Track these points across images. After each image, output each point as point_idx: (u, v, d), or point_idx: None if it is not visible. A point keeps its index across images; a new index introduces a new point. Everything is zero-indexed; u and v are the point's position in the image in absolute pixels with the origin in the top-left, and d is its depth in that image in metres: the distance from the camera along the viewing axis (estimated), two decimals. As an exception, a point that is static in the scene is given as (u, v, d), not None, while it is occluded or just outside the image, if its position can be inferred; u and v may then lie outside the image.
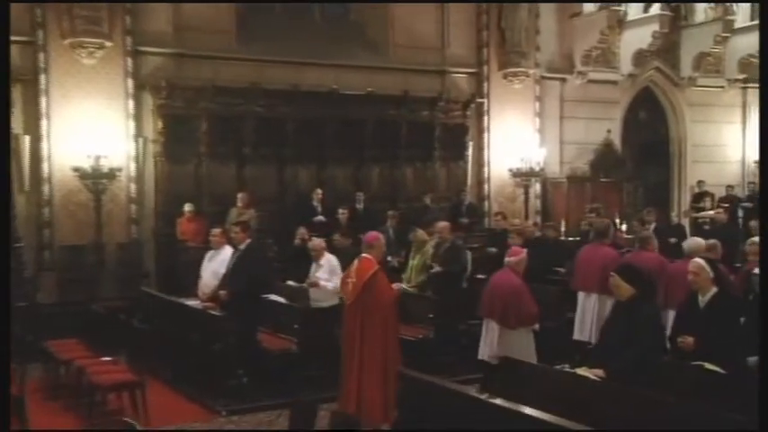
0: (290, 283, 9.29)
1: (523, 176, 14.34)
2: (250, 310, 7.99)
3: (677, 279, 7.10)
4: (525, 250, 7.54)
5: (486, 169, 14.49)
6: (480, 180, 14.50)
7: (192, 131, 11.98)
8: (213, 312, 8.14)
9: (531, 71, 14.48)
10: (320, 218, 11.93)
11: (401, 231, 11.36)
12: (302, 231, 10.37)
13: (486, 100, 14.39)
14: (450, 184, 13.96)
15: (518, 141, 14.42)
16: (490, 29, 14.28)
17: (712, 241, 7.92)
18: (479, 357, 7.30)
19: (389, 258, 11.09)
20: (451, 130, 13.93)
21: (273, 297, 8.82)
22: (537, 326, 7.13)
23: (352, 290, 6.68)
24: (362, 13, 13.92)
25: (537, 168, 14.29)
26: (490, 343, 7.17)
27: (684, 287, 6.24)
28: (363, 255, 6.83)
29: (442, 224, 9.96)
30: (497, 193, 14.54)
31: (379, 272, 6.71)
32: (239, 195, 11.67)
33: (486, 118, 14.43)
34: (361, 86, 13.06)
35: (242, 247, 8.15)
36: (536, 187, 14.80)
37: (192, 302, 8.73)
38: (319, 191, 12.29)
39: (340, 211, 11.81)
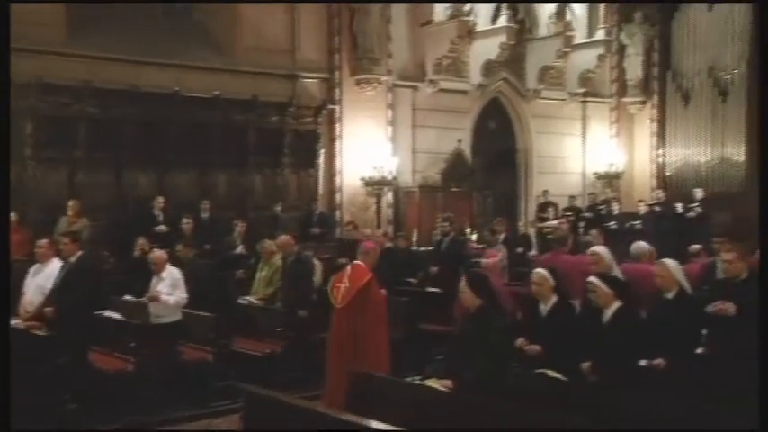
0: (128, 297, 8.62)
1: (376, 185, 14.20)
2: (80, 328, 7.32)
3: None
4: (501, 254, 7.96)
5: (337, 178, 14.23)
6: (332, 189, 14.22)
7: (16, 133, 10.88)
8: (37, 332, 7.35)
9: (383, 78, 14.38)
10: (162, 227, 11.22)
11: (249, 241, 10.90)
12: (142, 242, 9.74)
13: (338, 106, 14.15)
14: (300, 192, 13.62)
15: (370, 149, 14.25)
16: (342, 34, 14.07)
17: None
18: None
19: (238, 271, 10.62)
20: (302, 137, 13.59)
21: (108, 313, 8.13)
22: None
23: (345, 294, 6.93)
24: (208, 12, 13.30)
25: (389, 177, 14.19)
26: None
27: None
28: (356, 261, 7.09)
29: (283, 238, 9.48)
30: (349, 203, 14.30)
31: (373, 279, 7.02)
32: (70, 203, 10.74)
33: (338, 125, 14.18)
34: (206, 89, 12.45)
35: (72, 259, 7.56)
36: (388, 196, 14.68)
37: (13, 322, 7.84)
38: (161, 199, 11.56)
39: (184, 220, 11.17)
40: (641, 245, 8.30)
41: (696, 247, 9.18)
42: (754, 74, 15.85)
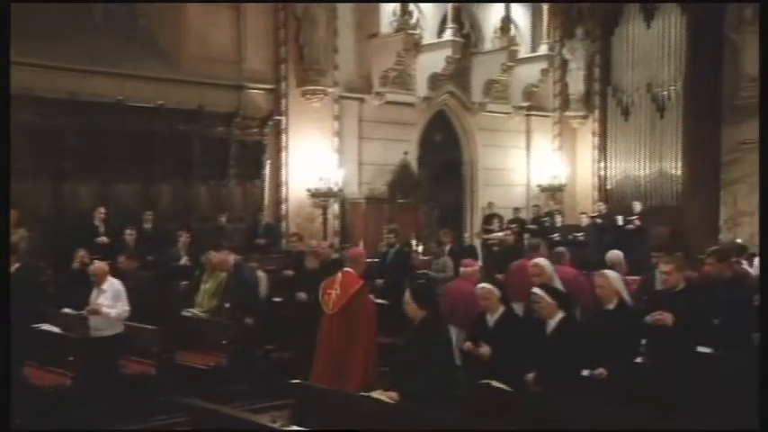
0: (67, 310, 8.41)
1: (322, 197, 14.16)
2: (15, 342, 7.06)
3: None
4: (478, 263, 8.41)
5: (283, 189, 14.14)
6: (278, 200, 14.12)
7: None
8: (-30, 346, 7.10)
9: (329, 90, 14.36)
10: (103, 239, 10.99)
11: (194, 253, 10.75)
12: (82, 254, 9.49)
13: (284, 117, 14.07)
14: (246, 203, 13.50)
15: (317, 161, 14.21)
16: (288, 44, 14.01)
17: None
18: None
19: (182, 283, 10.47)
20: (248, 148, 13.49)
21: (46, 327, 7.98)
22: None
23: (336, 301, 7.09)
24: (152, 20, 13.11)
25: (335, 188, 14.16)
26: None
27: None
28: (346, 269, 7.25)
29: (219, 257, 9.34)
30: (295, 214, 14.23)
31: (365, 286, 7.26)
32: (7, 213, 10.43)
33: (284, 136, 14.09)
34: (150, 98, 12.26)
35: (9, 271, 7.23)
36: (335, 208, 14.65)
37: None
38: (102, 209, 11.32)
39: (127, 231, 10.97)
40: (617, 253, 8.77)
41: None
42: (690, 90, 16.34)
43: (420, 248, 13.73)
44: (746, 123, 16.21)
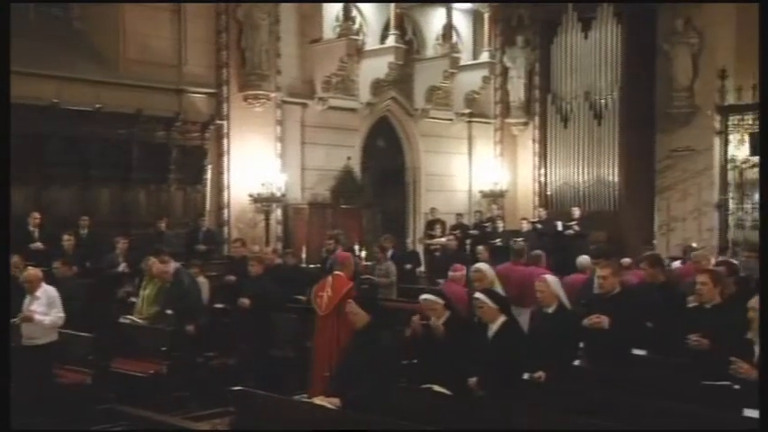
0: (-2, 318, 8.14)
1: (264, 202, 14.08)
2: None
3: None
4: (465, 267, 8.47)
5: (225, 194, 14.00)
6: (220, 205, 13.98)
7: None
8: None
9: (272, 94, 14.29)
10: (37, 245, 10.71)
11: (133, 259, 10.54)
12: (15, 260, 9.17)
13: (225, 122, 13.94)
14: (187, 208, 13.34)
15: (259, 166, 14.12)
16: (230, 49, 13.90)
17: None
18: None
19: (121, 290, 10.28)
20: (189, 153, 13.34)
21: (-25, 336, 7.70)
22: None
23: (328, 302, 7.51)
24: (89, 23, 12.86)
25: (278, 194, 14.10)
26: None
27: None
28: (336, 272, 7.72)
29: (159, 268, 9.12)
30: (237, 219, 14.10)
31: (353, 287, 7.67)
32: (-64, 219, 10.09)
33: (225, 141, 13.96)
34: (87, 102, 12.01)
35: None
36: (277, 213, 14.57)
37: None
38: (36, 214, 11.03)
39: (65, 236, 10.72)
40: (585, 257, 9.11)
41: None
42: (626, 99, 16.74)
43: (363, 254, 13.75)
44: (678, 132, 16.72)
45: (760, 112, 6.56)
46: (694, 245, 13.20)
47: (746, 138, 15.78)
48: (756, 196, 15.70)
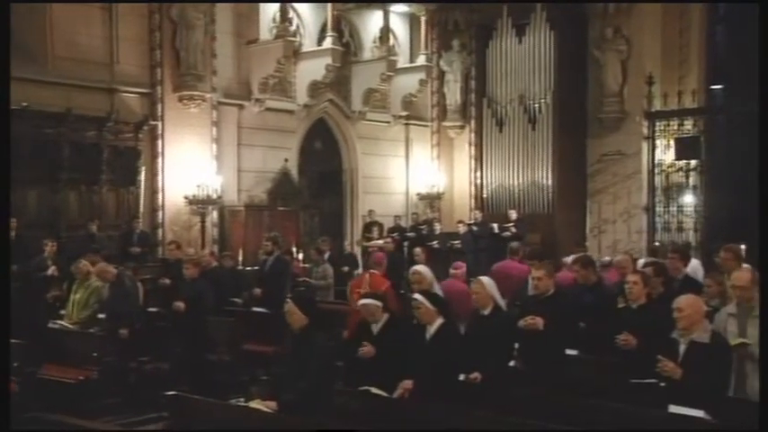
0: None
1: (200, 204, 13.87)
2: None
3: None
4: (465, 264, 9.07)
5: (160, 196, 13.74)
6: (154, 207, 13.72)
7: None
8: None
9: (207, 95, 14.09)
10: (-40, 248, 10.30)
11: (62, 262, 10.29)
12: (-64, 264, 8.86)
13: (160, 123, 13.68)
14: (120, 210, 13.05)
15: (194, 167, 13.91)
16: (164, 48, 13.64)
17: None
18: None
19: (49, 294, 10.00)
20: (122, 154, 13.04)
21: None
22: None
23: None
24: (15, 17, 12.38)
25: (214, 196, 13.92)
26: None
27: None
28: (372, 271, 8.18)
29: (101, 266, 9.02)
30: (172, 221, 13.87)
31: (391, 287, 7.97)
32: None
33: (160, 142, 13.71)
34: (14, 100, 11.55)
35: None
36: (213, 215, 14.38)
37: None
38: (-41, 216, 10.63)
39: (-12, 239, 10.33)
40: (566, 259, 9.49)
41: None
42: (558, 104, 17.08)
43: (300, 256, 13.69)
44: (609, 137, 17.13)
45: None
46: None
47: (672, 143, 16.27)
48: (681, 199, 16.25)
